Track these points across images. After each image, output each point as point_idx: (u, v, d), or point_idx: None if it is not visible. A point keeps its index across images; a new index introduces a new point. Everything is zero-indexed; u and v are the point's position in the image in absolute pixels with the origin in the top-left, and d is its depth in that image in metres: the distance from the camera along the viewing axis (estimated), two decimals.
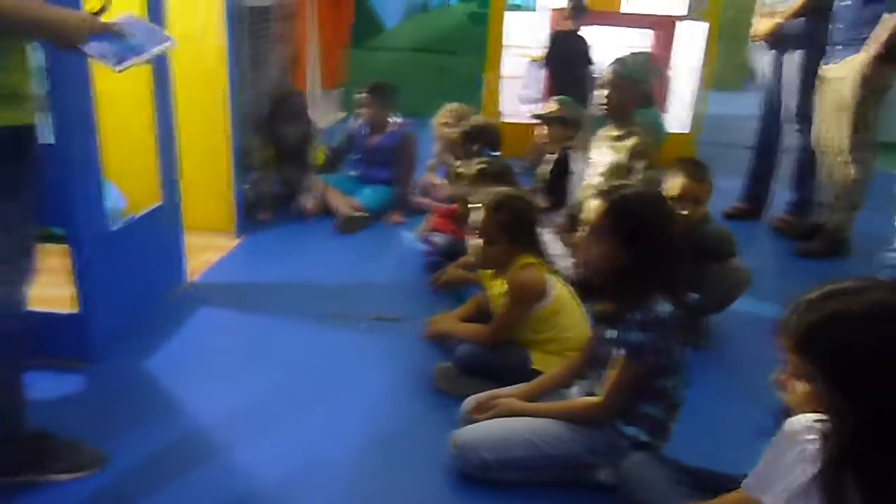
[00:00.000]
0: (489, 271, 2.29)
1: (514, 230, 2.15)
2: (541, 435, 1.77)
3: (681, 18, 5.30)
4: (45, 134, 1.90)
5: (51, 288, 2.22)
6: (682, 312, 1.70)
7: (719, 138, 5.63)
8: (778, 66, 3.79)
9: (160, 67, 2.51)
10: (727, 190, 4.20)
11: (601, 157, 2.99)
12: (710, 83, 5.13)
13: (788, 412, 1.25)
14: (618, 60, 2.94)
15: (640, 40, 5.32)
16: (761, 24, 3.79)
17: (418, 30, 6.54)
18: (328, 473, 1.83)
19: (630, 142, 2.88)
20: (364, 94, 3.81)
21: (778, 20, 3.67)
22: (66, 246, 2.14)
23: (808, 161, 3.76)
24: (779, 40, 3.71)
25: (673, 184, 2.47)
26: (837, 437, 1.11)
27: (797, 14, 3.60)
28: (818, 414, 1.16)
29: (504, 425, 1.81)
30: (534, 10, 7.40)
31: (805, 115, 3.71)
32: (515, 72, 6.42)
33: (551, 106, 3.37)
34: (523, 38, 6.82)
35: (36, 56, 1.60)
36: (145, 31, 1.54)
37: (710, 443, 1.98)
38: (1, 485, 1.67)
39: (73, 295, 2.19)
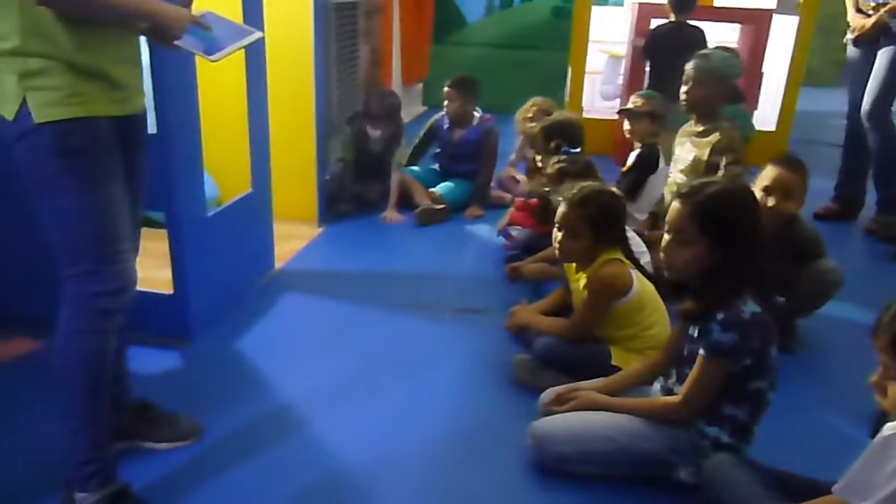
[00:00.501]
0: (572, 265, 2.29)
1: (599, 225, 2.14)
2: (620, 430, 1.76)
3: (775, 13, 5.13)
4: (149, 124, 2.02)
5: (151, 270, 2.37)
6: (771, 313, 1.65)
7: (811, 136, 5.42)
8: (869, 62, 3.63)
9: (254, 61, 2.62)
10: (819, 190, 4.05)
11: (684, 153, 2.93)
12: (801, 79, 4.93)
13: (884, 416, 1.21)
14: (701, 55, 2.86)
15: (733, 35, 5.17)
16: (857, 19, 3.64)
17: (502, 25, 6.54)
18: (406, 459, 1.88)
19: (712, 137, 2.80)
20: (449, 88, 3.84)
21: (881, 14, 3.50)
22: (163, 230, 2.27)
23: (887, 159, 3.64)
24: (881, 35, 3.54)
25: (764, 174, 2.39)
26: None
27: None
28: None
29: (583, 419, 1.82)
30: (621, 4, 7.27)
31: (878, 114, 3.58)
32: (601, 67, 6.35)
33: (636, 100, 3.33)
34: (610, 34, 6.72)
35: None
36: (226, 25, 1.62)
37: (797, 447, 1.94)
38: None
39: (170, 277, 2.32)
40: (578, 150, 2.94)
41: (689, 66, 2.86)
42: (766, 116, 5.10)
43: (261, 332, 2.50)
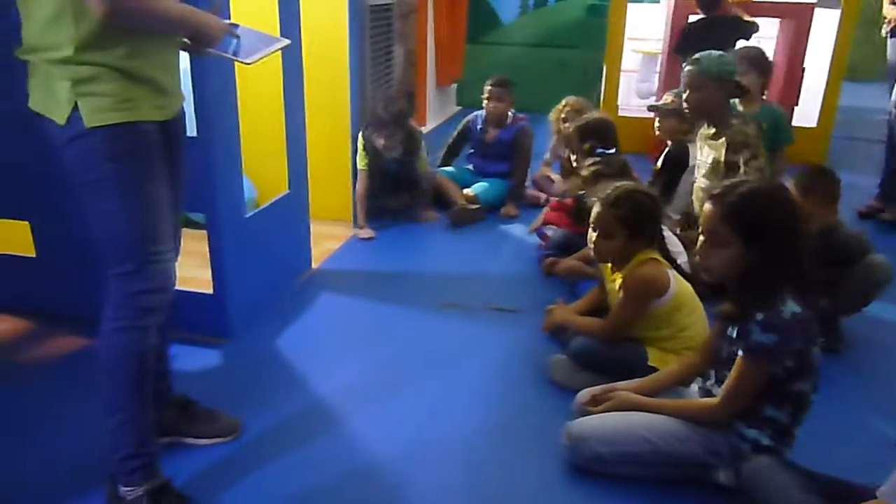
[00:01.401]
0: (608, 265, 2.28)
1: (633, 225, 2.12)
2: (657, 431, 1.75)
3: (817, 6, 5.02)
4: (190, 127, 2.07)
5: (192, 270, 2.43)
6: (813, 314, 1.63)
7: (854, 132, 5.30)
8: None
9: (291, 64, 2.66)
10: (863, 187, 3.97)
11: (703, 157, 2.88)
12: (843, 74, 4.82)
13: None
14: (693, 60, 2.79)
15: (773, 30, 5.07)
16: (892, 10, 3.56)
17: (537, 24, 6.51)
18: (441, 455, 1.89)
19: (727, 134, 2.74)
20: (492, 87, 3.83)
21: None
22: (204, 231, 2.32)
23: None
24: None
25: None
26: None
27: None
28: None
29: (619, 419, 1.81)
30: (657, 1, 7.19)
31: None
32: (635, 66, 6.29)
33: (666, 98, 3.29)
34: (646, 31, 6.67)
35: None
36: (256, 34, 1.70)
37: (840, 450, 1.91)
38: None
39: (210, 277, 2.36)
40: (613, 150, 2.91)
41: (683, 74, 2.81)
42: (807, 113, 5.00)
43: (297, 330, 2.54)
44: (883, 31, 3.74)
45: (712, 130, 2.82)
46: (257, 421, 1.99)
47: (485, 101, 3.87)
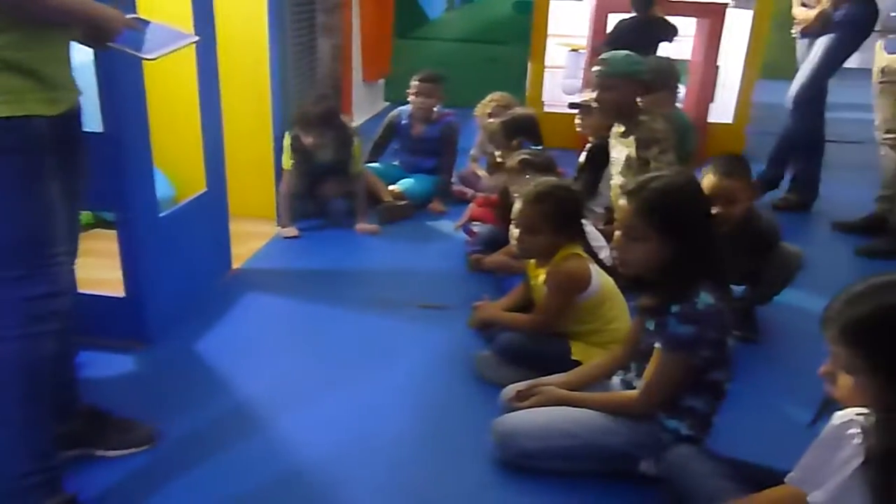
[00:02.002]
0: (533, 261, 2.29)
1: (556, 220, 2.14)
2: (582, 425, 1.76)
3: (733, 6, 5.20)
4: (94, 122, 1.97)
5: (105, 271, 2.31)
6: (727, 304, 1.67)
7: (769, 128, 5.50)
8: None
9: (205, 59, 2.56)
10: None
11: (617, 154, 2.94)
12: (758, 72, 5.01)
13: (833, 405, 1.23)
14: (601, 60, 2.84)
15: (690, 28, 5.22)
16: (802, 12, 3.75)
17: (464, 20, 6.53)
18: (369, 455, 1.86)
19: (636, 132, 2.80)
20: (420, 83, 3.79)
21: (825, 7, 3.61)
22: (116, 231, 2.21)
23: (792, 144, 3.89)
24: (823, 28, 3.66)
25: (705, 182, 2.39)
26: (885, 432, 1.09)
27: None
28: (864, 407, 1.14)
29: (545, 414, 1.81)
30: None
31: (802, 97, 3.76)
32: (562, 62, 6.37)
33: (588, 94, 3.34)
34: (572, 28, 6.75)
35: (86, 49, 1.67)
36: (162, 29, 1.64)
37: (757, 436, 1.96)
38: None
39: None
40: (539, 146, 2.94)
41: (592, 73, 2.86)
42: (724, 109, 5.17)
43: (220, 332, 2.46)
44: (793, 32, 3.91)
45: (622, 129, 2.88)
46: (176, 428, 1.91)
47: (412, 97, 3.83)
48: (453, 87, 3.93)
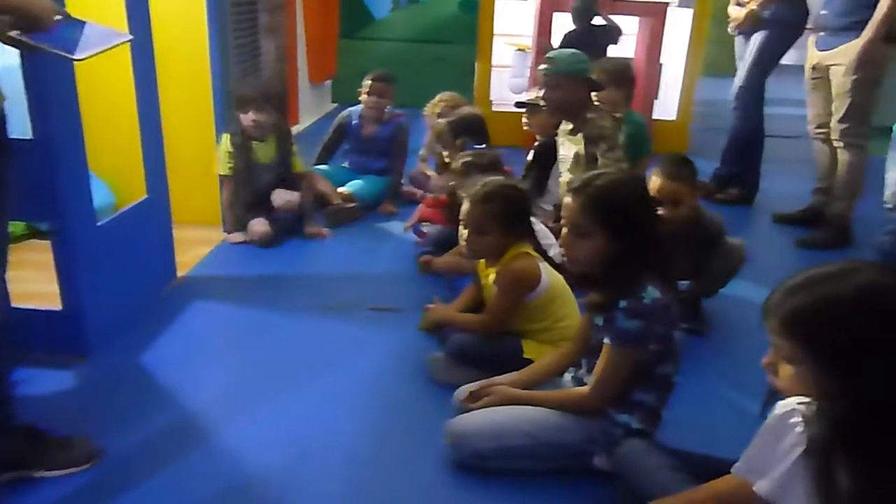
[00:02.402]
0: (483, 261, 2.28)
1: (504, 220, 2.14)
2: (535, 423, 1.77)
3: (675, 5, 5.31)
4: (24, 128, 1.90)
5: (43, 284, 2.22)
6: (673, 298, 1.69)
7: (711, 123, 5.64)
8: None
9: (141, 59, 2.49)
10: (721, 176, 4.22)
11: (565, 151, 2.97)
12: (700, 70, 5.13)
13: (776, 395, 1.25)
14: (547, 59, 2.86)
15: (633, 28, 5.31)
16: (735, 10, 3.87)
17: (410, 20, 6.51)
18: (322, 461, 1.83)
19: (584, 129, 2.83)
20: (370, 82, 3.74)
21: (753, 7, 3.72)
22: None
23: (739, 141, 3.99)
24: (754, 26, 3.78)
25: (651, 184, 2.43)
26: (826, 420, 1.11)
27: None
28: (805, 397, 1.17)
29: (498, 414, 1.81)
30: None
31: (742, 96, 3.88)
32: (509, 61, 6.41)
33: (534, 93, 3.36)
34: (518, 27, 6.81)
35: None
36: (93, 28, 1.58)
37: (707, 428, 1.99)
38: None
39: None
40: (485, 145, 2.94)
41: (539, 72, 2.88)
42: (668, 106, 5.27)
43: (164, 343, 2.39)
44: (729, 30, 4.02)
45: (570, 126, 2.90)
46: (120, 443, 1.84)
47: (364, 96, 3.78)
48: (400, 86, 3.91)
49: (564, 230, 1.72)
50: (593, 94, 2.92)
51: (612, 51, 4.74)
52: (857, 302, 1.09)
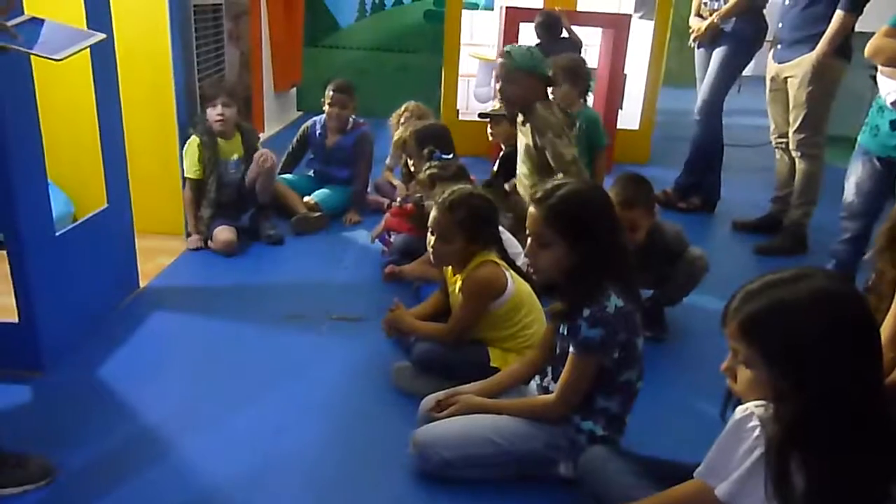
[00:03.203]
0: (449, 269, 2.29)
1: (471, 228, 2.14)
2: (500, 432, 1.77)
3: (638, 17, 5.40)
4: None
5: (1, 296, 2.17)
6: (636, 305, 1.71)
7: (673, 133, 5.74)
8: (708, 63, 3.97)
9: (102, 65, 2.45)
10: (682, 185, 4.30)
11: (520, 143, 3.01)
12: (661, 80, 5.22)
13: (735, 400, 1.28)
14: (504, 54, 2.88)
15: (596, 38, 5.39)
16: (696, 22, 3.96)
17: (375, 28, 6.51)
18: (285, 473, 1.81)
19: (531, 122, 2.86)
20: (331, 93, 3.73)
21: (714, 20, 3.81)
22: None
23: (701, 151, 4.06)
24: (714, 38, 3.87)
25: None
26: (781, 422, 1.14)
27: (731, 13, 3.74)
28: (763, 400, 1.19)
29: (463, 423, 1.81)
30: (492, 9, 7.42)
31: (705, 110, 3.97)
32: (474, 70, 6.44)
33: (496, 105, 3.39)
34: (483, 37, 6.85)
35: None
36: (63, 29, 1.55)
37: (670, 433, 2.02)
38: None
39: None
40: (451, 155, 2.95)
41: (495, 67, 2.90)
42: (631, 116, 5.35)
43: (124, 356, 2.34)
44: (690, 42, 4.10)
45: (521, 119, 2.93)
46: (77, 459, 1.80)
47: (326, 106, 3.77)
48: (365, 95, 3.91)
49: (529, 241, 1.74)
50: (549, 89, 2.96)
51: None
52: (809, 306, 1.12)
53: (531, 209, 1.72)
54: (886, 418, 1.16)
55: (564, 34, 4.79)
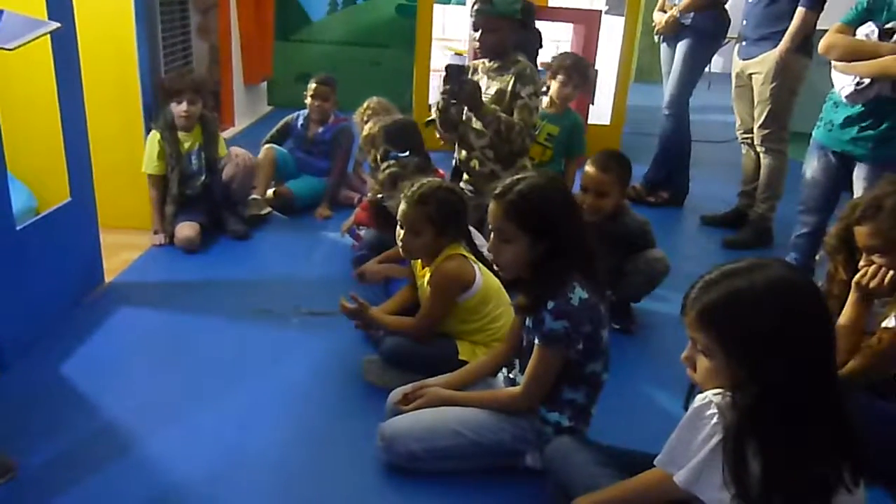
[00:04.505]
0: (419, 262, 2.29)
1: (440, 221, 2.14)
2: (467, 424, 1.78)
3: (606, 13, 5.42)
4: None
5: None
6: (601, 297, 1.73)
7: (643, 128, 5.78)
8: (673, 58, 4.02)
9: (64, 55, 2.40)
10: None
11: (485, 88, 2.93)
12: (631, 76, 5.26)
13: (696, 390, 1.30)
14: (484, 1, 2.82)
15: (567, 34, 5.41)
16: (658, 15, 4.00)
17: (347, 23, 6.46)
18: (251, 468, 1.80)
19: (514, 69, 2.85)
20: (314, 86, 3.72)
21: (674, 13, 3.85)
22: None
23: (670, 146, 4.11)
24: (674, 32, 3.91)
25: (584, 173, 2.51)
26: (739, 410, 1.16)
27: (690, 7, 3.79)
28: (721, 388, 1.21)
29: (431, 415, 1.82)
30: (464, 3, 7.41)
31: (672, 104, 4.01)
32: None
33: (434, 111, 3.39)
34: (455, 32, 6.85)
35: None
36: (15, 17, 1.53)
37: (634, 423, 2.03)
38: None
39: None
40: (407, 153, 2.92)
41: (474, 14, 2.85)
42: (601, 111, 5.39)
43: (87, 352, 2.31)
44: (655, 38, 4.14)
45: (495, 65, 2.91)
46: (38, 457, 1.78)
47: (308, 99, 3.76)
48: (338, 90, 3.88)
49: (492, 235, 1.75)
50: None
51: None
52: (765, 295, 1.14)
53: (492, 205, 1.72)
54: (839, 406, 1.19)
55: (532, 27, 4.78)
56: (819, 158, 2.85)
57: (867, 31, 2.58)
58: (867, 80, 2.56)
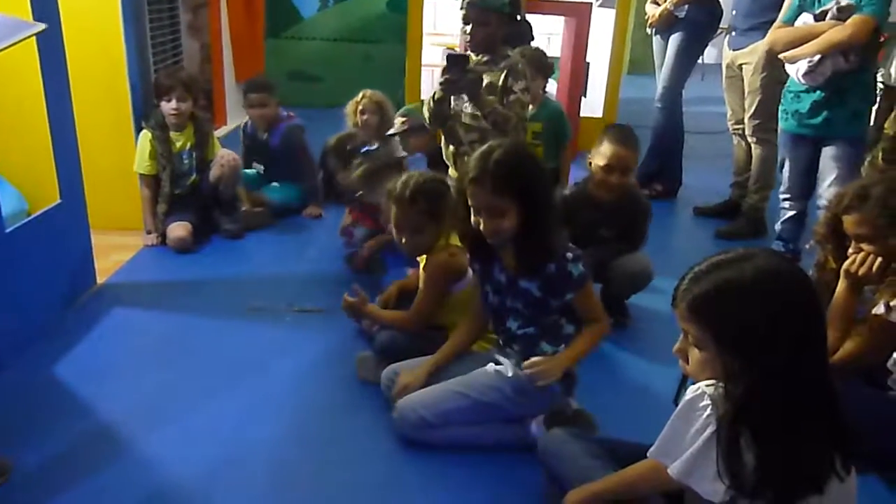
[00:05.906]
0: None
1: (437, 212, 2.13)
2: (469, 385, 1.88)
3: (599, 5, 5.40)
4: None
5: None
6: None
7: (636, 121, 5.76)
8: (666, 50, 4.02)
9: (50, 57, 2.39)
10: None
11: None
12: (623, 68, 5.25)
13: (688, 381, 1.30)
14: None
15: (559, 27, 5.39)
16: (650, 9, 3.99)
17: (338, 18, 6.44)
18: (247, 466, 1.80)
19: (505, 63, 2.82)
20: (252, 94, 3.61)
21: (667, 6, 3.84)
22: None
23: (663, 139, 4.11)
24: (668, 25, 3.90)
25: (602, 151, 2.48)
26: (732, 400, 1.16)
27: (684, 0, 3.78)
28: (713, 379, 1.21)
29: (436, 387, 1.91)
30: None
31: (665, 97, 4.02)
32: (439, 60, 6.41)
33: (398, 122, 3.40)
34: (447, 27, 6.81)
35: None
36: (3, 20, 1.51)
37: (628, 415, 2.04)
38: None
39: None
40: (376, 146, 2.94)
41: (465, 10, 2.81)
42: (593, 104, 5.38)
43: (80, 353, 2.30)
44: (647, 29, 4.14)
45: (484, 59, 2.88)
46: (32, 457, 1.77)
47: (247, 110, 3.66)
48: (329, 86, 3.86)
49: (482, 219, 1.75)
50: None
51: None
52: (754, 285, 1.14)
53: (473, 188, 1.74)
54: (831, 395, 1.19)
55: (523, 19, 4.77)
56: (794, 148, 2.99)
57: (803, 21, 2.76)
58: (817, 57, 2.71)
